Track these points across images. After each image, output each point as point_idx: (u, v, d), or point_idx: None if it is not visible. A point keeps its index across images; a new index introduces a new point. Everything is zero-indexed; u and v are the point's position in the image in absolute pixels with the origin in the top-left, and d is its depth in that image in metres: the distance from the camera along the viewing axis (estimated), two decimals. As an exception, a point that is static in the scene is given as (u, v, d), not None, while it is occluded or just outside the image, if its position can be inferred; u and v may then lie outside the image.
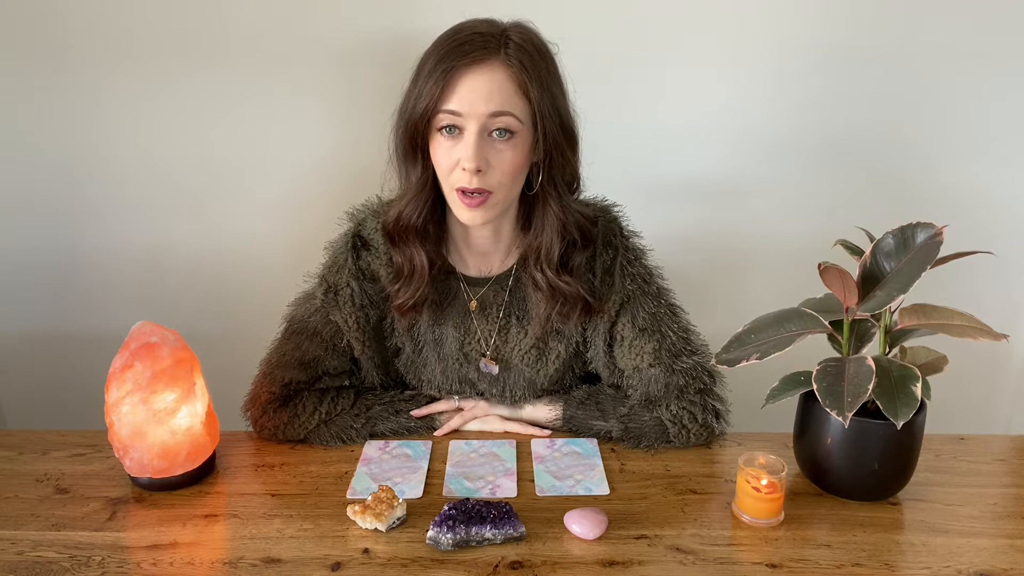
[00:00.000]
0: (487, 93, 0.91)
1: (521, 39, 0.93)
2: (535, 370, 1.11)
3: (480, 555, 0.84)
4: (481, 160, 0.92)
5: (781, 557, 0.84)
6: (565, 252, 1.04)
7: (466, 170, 0.93)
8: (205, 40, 1.38)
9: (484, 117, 0.92)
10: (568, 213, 1.02)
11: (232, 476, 1.01)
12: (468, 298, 1.09)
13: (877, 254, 0.89)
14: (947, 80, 1.40)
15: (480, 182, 0.93)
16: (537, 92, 0.93)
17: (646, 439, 1.06)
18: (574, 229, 1.03)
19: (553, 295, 1.04)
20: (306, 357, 1.08)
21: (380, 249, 1.07)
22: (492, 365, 1.10)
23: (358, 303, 1.08)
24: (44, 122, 1.43)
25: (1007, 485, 0.98)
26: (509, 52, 0.92)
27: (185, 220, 1.50)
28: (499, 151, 0.94)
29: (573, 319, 1.06)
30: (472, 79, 0.91)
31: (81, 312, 1.57)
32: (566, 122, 0.98)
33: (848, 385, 0.85)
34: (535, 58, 0.94)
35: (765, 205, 1.49)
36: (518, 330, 1.10)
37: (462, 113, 0.92)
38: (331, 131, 1.44)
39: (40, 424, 1.60)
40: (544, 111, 0.94)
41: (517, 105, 0.93)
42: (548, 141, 0.96)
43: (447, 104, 0.92)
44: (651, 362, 1.06)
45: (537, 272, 1.04)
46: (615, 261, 1.08)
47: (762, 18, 1.36)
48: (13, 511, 0.94)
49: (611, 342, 1.09)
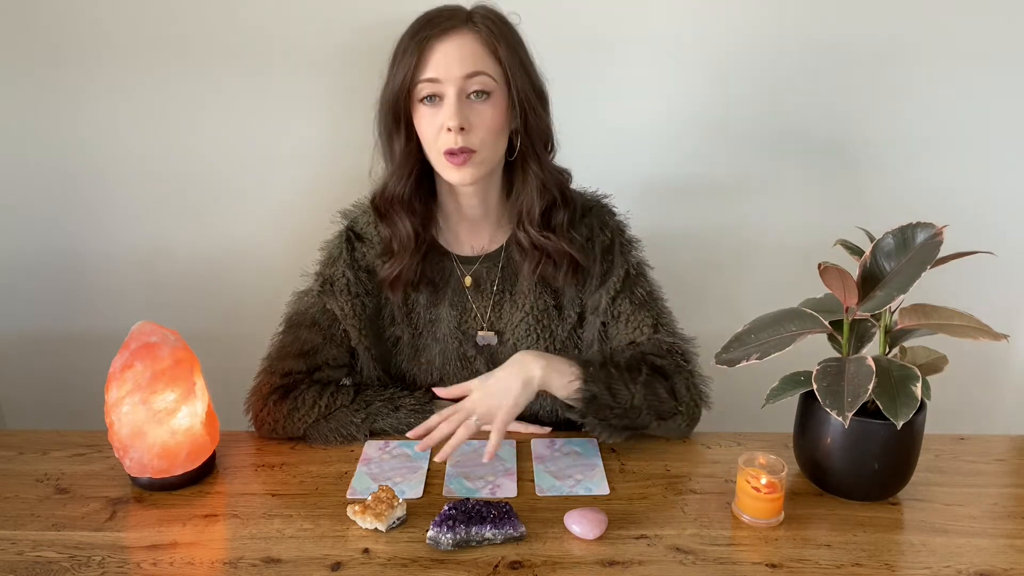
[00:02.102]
0: (460, 57, 0.98)
1: (485, 12, 1.02)
2: (525, 346, 1.13)
3: (480, 555, 0.84)
4: (463, 119, 0.98)
5: (781, 557, 0.84)
6: (547, 211, 1.09)
7: (450, 130, 0.99)
8: (205, 42, 1.38)
9: (460, 80, 0.98)
10: (546, 171, 1.08)
11: (232, 476, 1.01)
12: (462, 274, 1.14)
13: (877, 254, 0.89)
14: (947, 80, 1.40)
15: (464, 141, 0.99)
16: (506, 52, 1.00)
17: (655, 412, 1.03)
18: (553, 187, 1.09)
19: (537, 251, 1.10)
20: (305, 347, 1.11)
21: (374, 241, 1.13)
22: (490, 335, 1.14)
23: (354, 291, 1.12)
24: (43, 123, 1.43)
25: (1007, 485, 0.98)
26: (475, 20, 1.00)
27: (186, 220, 1.50)
28: (478, 111, 1.00)
29: (560, 276, 1.11)
30: (444, 46, 0.98)
31: (81, 312, 1.56)
32: (535, 81, 1.05)
33: (848, 385, 0.85)
34: (500, 24, 1.02)
35: (765, 205, 1.49)
36: (511, 305, 1.14)
37: (439, 79, 0.98)
38: (330, 131, 1.44)
39: (40, 424, 1.60)
40: (515, 70, 1.01)
41: (489, 65, 1.00)
42: (521, 98, 1.02)
43: (424, 73, 0.98)
44: (650, 334, 1.10)
45: (521, 232, 1.10)
46: (614, 240, 1.14)
47: (762, 16, 1.36)
48: (13, 511, 0.94)
49: (607, 320, 1.13)
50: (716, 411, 1.28)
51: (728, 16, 1.36)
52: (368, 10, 1.35)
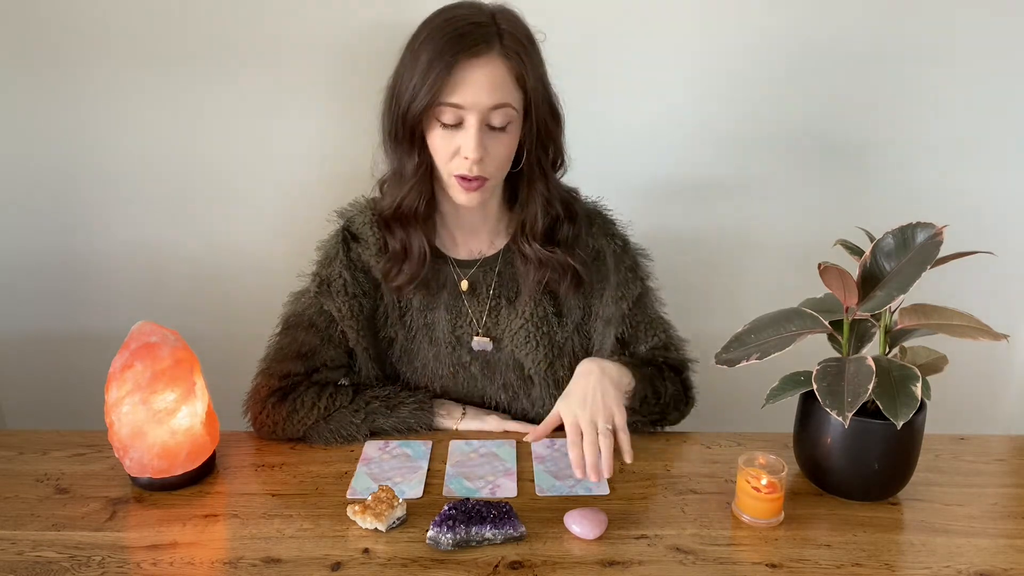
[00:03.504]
0: (489, 87, 0.94)
1: (512, 27, 0.97)
2: (524, 352, 1.12)
3: (480, 555, 0.84)
4: (482, 150, 0.97)
5: (781, 557, 0.84)
6: (552, 226, 1.09)
7: (468, 159, 0.97)
8: (206, 42, 1.38)
9: (486, 110, 0.95)
10: (552, 189, 1.08)
11: (232, 476, 1.01)
12: (458, 278, 1.13)
13: (877, 254, 0.89)
14: (948, 80, 1.40)
15: (480, 170, 0.98)
16: (532, 82, 0.98)
17: (677, 404, 1.12)
18: (558, 204, 1.08)
19: (541, 265, 1.09)
20: (303, 349, 1.11)
21: (370, 241, 1.11)
22: (485, 341, 1.13)
23: (351, 292, 1.11)
24: (43, 123, 1.43)
25: (1007, 485, 0.99)
26: (505, 43, 0.95)
27: (186, 220, 1.50)
28: (496, 139, 0.98)
29: (563, 287, 1.10)
30: (474, 73, 0.94)
31: (81, 312, 1.56)
32: (554, 105, 1.04)
33: (848, 385, 0.85)
34: (528, 48, 0.98)
35: (765, 205, 1.49)
36: (508, 311, 1.13)
37: (464, 106, 0.95)
38: (329, 131, 1.44)
39: (40, 424, 1.60)
40: (538, 100, 1.00)
41: (514, 96, 0.97)
42: (538, 126, 1.01)
43: (449, 97, 0.95)
44: (665, 340, 1.15)
45: (525, 245, 1.09)
46: (626, 250, 1.14)
47: (764, 17, 1.36)
48: (13, 511, 0.94)
49: (625, 331, 1.13)
50: (716, 411, 1.28)
51: (731, 17, 1.36)
52: (369, 12, 1.35)
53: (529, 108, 0.99)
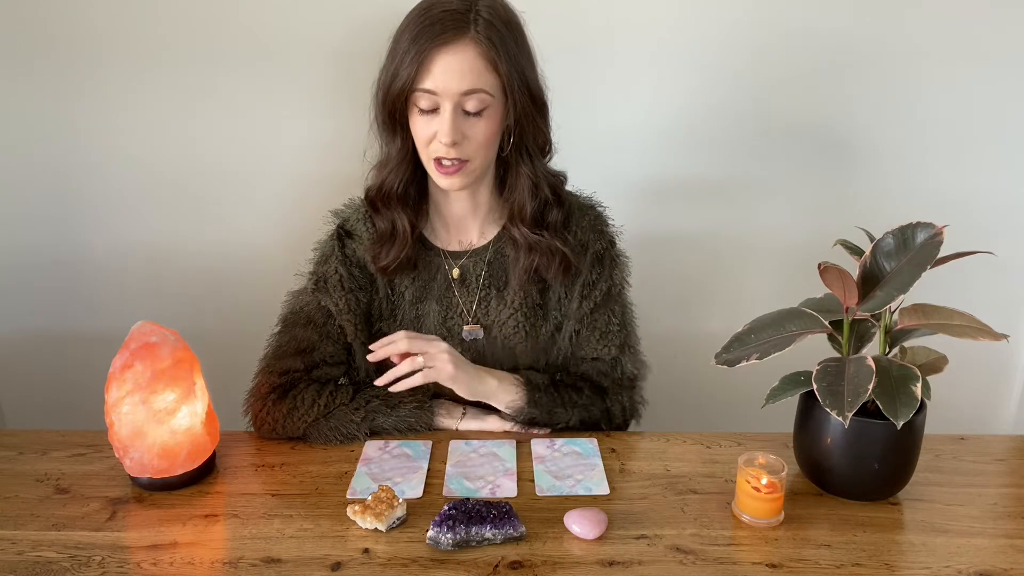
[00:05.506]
0: (459, 72, 0.97)
1: (490, 14, 0.98)
2: (514, 343, 1.14)
3: (480, 555, 0.84)
4: (457, 134, 0.99)
5: (781, 557, 0.84)
6: (541, 211, 1.10)
7: (443, 143, 0.99)
8: (204, 41, 1.38)
9: (457, 95, 0.98)
10: (539, 174, 1.09)
11: (232, 476, 1.01)
12: (449, 268, 1.14)
13: (877, 254, 0.89)
14: (949, 80, 1.40)
15: (457, 153, 1.01)
16: (506, 66, 0.98)
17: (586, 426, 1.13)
18: (546, 188, 1.10)
19: (530, 249, 1.11)
20: (302, 345, 1.12)
21: (364, 237, 1.13)
22: (476, 329, 1.14)
23: (347, 287, 1.13)
24: (43, 122, 1.43)
25: (1007, 485, 0.99)
26: (479, 29, 0.97)
27: (185, 220, 1.50)
28: (473, 124, 1.00)
29: (552, 270, 1.11)
30: (444, 59, 0.96)
31: (81, 312, 1.57)
32: (535, 92, 1.04)
33: (848, 385, 0.85)
34: (503, 32, 0.99)
35: (765, 205, 1.49)
36: (498, 301, 1.14)
37: (437, 92, 0.98)
38: (328, 131, 1.44)
39: (40, 424, 1.60)
40: (513, 85, 1.00)
41: (488, 81, 0.99)
42: (518, 110, 1.02)
43: (422, 83, 0.98)
44: (616, 354, 1.14)
45: (514, 229, 1.11)
46: (607, 251, 1.15)
47: (764, 17, 1.36)
48: (13, 511, 0.93)
49: (582, 328, 1.14)
50: (716, 411, 1.29)
51: (730, 17, 1.36)
52: (365, 9, 1.35)
53: (506, 93, 1.00)
